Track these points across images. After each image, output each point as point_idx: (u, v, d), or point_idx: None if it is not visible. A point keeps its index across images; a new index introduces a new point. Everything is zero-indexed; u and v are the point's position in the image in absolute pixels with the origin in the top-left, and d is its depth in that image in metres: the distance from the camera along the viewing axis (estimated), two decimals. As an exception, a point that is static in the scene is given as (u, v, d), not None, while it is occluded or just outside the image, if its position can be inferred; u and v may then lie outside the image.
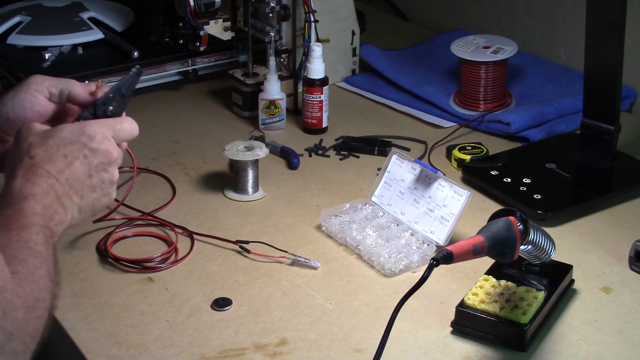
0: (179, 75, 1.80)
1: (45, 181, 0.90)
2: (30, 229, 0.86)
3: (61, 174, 0.92)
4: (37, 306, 0.82)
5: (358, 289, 1.21)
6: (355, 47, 1.84)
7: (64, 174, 0.92)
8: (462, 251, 0.99)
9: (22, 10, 1.89)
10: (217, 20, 1.66)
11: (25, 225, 0.86)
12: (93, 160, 0.94)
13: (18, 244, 0.84)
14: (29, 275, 0.82)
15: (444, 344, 1.11)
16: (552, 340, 1.11)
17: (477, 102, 1.69)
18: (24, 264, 0.83)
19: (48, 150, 0.92)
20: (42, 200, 0.89)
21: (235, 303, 1.18)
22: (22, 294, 0.81)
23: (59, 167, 0.92)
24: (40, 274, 0.84)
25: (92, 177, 0.94)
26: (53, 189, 0.91)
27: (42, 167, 0.91)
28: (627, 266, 1.25)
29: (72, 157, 0.93)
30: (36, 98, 1.00)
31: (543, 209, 1.36)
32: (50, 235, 0.89)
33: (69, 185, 0.92)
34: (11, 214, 0.87)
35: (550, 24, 1.93)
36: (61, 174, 0.92)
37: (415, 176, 1.33)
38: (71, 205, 0.93)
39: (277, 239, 1.31)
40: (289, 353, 1.09)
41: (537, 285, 1.15)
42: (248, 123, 1.68)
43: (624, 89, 1.67)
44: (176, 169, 1.52)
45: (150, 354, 1.09)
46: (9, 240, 0.84)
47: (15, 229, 0.85)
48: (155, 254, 1.28)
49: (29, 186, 0.89)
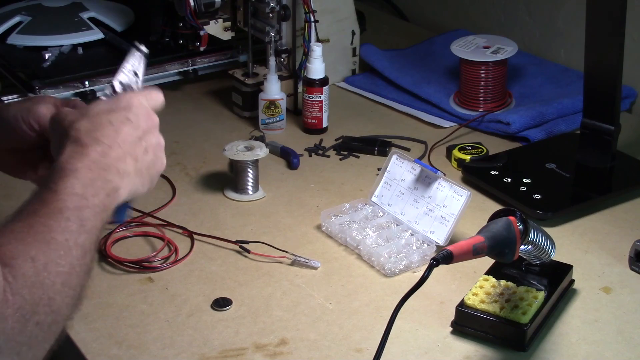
0: (179, 75, 1.80)
1: (94, 149, 0.87)
2: (60, 215, 0.81)
3: (112, 139, 0.89)
4: (38, 311, 0.77)
5: (358, 289, 1.21)
6: (355, 47, 1.84)
7: (114, 138, 0.89)
8: (462, 251, 0.99)
9: (22, 10, 1.89)
10: (217, 20, 1.66)
11: (56, 211, 0.81)
12: (139, 124, 0.92)
13: (37, 235, 0.79)
14: (32, 277, 0.77)
15: (444, 344, 1.11)
16: (552, 340, 1.11)
17: (477, 102, 1.69)
18: (31, 262, 0.77)
19: (92, 121, 0.89)
20: (85, 175, 0.85)
21: (235, 303, 1.18)
22: (15, 301, 0.75)
23: (108, 132, 0.89)
24: (50, 271, 0.78)
25: (142, 139, 0.92)
26: (104, 157, 0.87)
27: (90, 135, 0.88)
28: (627, 266, 1.25)
29: (118, 122, 0.90)
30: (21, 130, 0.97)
31: (543, 209, 1.36)
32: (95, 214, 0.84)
33: (121, 150, 0.89)
34: (45, 197, 0.82)
35: (550, 24, 1.93)
36: (112, 139, 0.89)
37: (415, 176, 1.33)
38: (127, 169, 0.89)
39: (277, 239, 1.31)
40: (289, 353, 1.09)
41: (537, 285, 1.15)
42: (248, 123, 1.68)
43: (624, 89, 1.67)
44: (176, 169, 1.52)
45: (150, 354, 1.09)
46: (30, 230, 0.79)
47: (44, 215, 0.81)
48: (156, 253, 1.28)
49: (74, 159, 0.85)
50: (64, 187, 0.83)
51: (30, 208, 0.82)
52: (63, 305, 0.80)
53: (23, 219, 0.81)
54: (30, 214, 0.81)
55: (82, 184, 0.84)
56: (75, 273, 0.81)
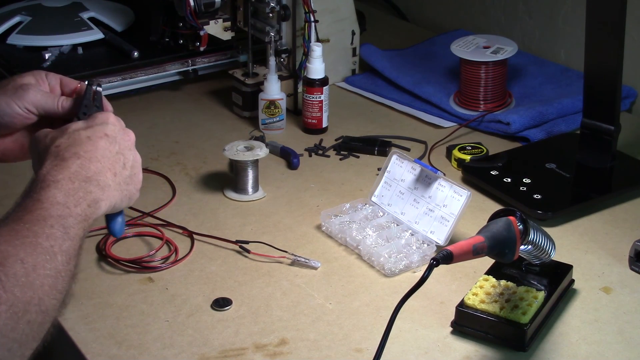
0: (179, 75, 1.80)
1: (74, 162, 0.90)
2: (44, 222, 0.84)
3: (91, 153, 0.92)
4: (29, 310, 0.79)
5: (358, 289, 1.21)
6: (355, 47, 1.84)
7: (94, 153, 0.93)
8: (462, 251, 0.99)
9: (22, 10, 1.89)
10: (217, 20, 1.66)
11: (40, 218, 0.84)
12: (117, 139, 0.96)
13: (24, 239, 0.82)
14: (23, 277, 0.79)
15: (444, 344, 1.11)
16: (552, 340, 1.11)
17: (477, 102, 1.69)
18: (20, 264, 0.80)
19: (70, 137, 0.93)
20: (66, 185, 0.88)
21: (235, 303, 1.18)
22: (7, 298, 0.78)
23: (87, 147, 0.93)
24: (39, 274, 0.81)
25: (120, 154, 0.96)
26: (83, 169, 0.90)
27: (69, 150, 0.91)
28: (627, 266, 1.25)
29: (96, 137, 0.94)
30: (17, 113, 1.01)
31: (543, 209, 1.36)
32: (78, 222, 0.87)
33: (100, 164, 0.92)
34: (28, 205, 0.86)
35: (550, 24, 1.93)
36: (91, 153, 0.92)
37: (415, 176, 1.33)
38: (107, 182, 0.93)
39: (277, 239, 1.31)
40: (289, 353, 1.09)
41: (537, 285, 1.15)
42: (248, 123, 1.68)
43: (624, 89, 1.67)
44: (176, 169, 1.52)
45: (150, 354, 1.09)
46: (17, 234, 0.82)
47: (29, 222, 0.84)
48: (155, 254, 1.28)
49: (55, 171, 0.89)
50: (46, 197, 0.87)
51: (15, 216, 0.85)
52: (51, 306, 0.82)
53: (9, 225, 0.83)
54: (15, 221, 0.84)
55: (64, 193, 0.88)
56: (61, 277, 0.84)
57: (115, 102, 1.09)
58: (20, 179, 1.03)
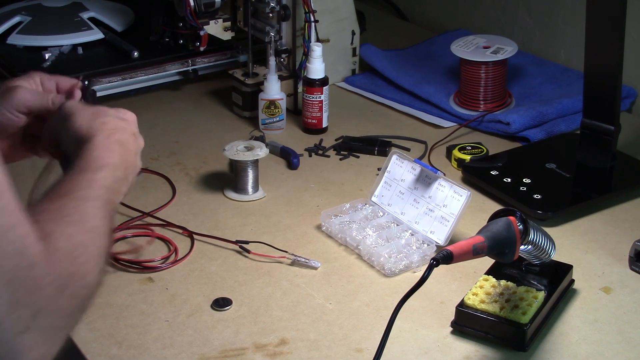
0: (179, 75, 1.80)
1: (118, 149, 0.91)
2: (94, 202, 0.85)
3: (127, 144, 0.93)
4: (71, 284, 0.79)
5: (358, 289, 1.21)
6: (355, 47, 1.84)
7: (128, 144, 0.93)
8: (462, 251, 0.99)
9: (22, 10, 1.89)
10: (217, 20, 1.66)
11: (91, 197, 0.85)
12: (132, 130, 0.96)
13: (73, 216, 0.82)
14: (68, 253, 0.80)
15: (444, 344, 1.11)
16: (552, 340, 1.11)
17: (477, 102, 1.69)
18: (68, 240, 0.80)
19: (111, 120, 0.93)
20: (114, 172, 0.89)
21: (235, 303, 1.18)
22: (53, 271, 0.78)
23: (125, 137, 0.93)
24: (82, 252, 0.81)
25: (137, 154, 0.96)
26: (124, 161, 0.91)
27: (115, 134, 0.92)
28: (627, 266, 1.25)
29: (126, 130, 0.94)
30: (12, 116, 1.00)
31: (543, 209, 1.36)
32: (112, 210, 0.88)
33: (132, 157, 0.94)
34: (81, 181, 0.86)
35: (550, 24, 1.93)
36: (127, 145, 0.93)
37: (415, 176, 1.33)
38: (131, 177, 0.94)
39: (277, 239, 1.31)
40: (289, 353, 1.09)
41: (537, 285, 1.15)
42: (248, 123, 1.68)
43: (624, 89, 1.67)
44: (176, 169, 1.52)
45: (150, 354, 1.09)
46: (66, 210, 0.82)
47: (80, 199, 0.84)
48: (155, 254, 1.28)
49: (108, 155, 0.89)
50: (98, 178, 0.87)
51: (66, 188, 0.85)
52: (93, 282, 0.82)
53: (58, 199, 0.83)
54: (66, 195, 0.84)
55: (113, 179, 0.89)
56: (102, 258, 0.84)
57: (115, 102, 1.09)
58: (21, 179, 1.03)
